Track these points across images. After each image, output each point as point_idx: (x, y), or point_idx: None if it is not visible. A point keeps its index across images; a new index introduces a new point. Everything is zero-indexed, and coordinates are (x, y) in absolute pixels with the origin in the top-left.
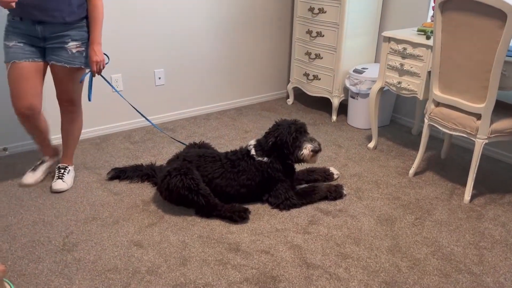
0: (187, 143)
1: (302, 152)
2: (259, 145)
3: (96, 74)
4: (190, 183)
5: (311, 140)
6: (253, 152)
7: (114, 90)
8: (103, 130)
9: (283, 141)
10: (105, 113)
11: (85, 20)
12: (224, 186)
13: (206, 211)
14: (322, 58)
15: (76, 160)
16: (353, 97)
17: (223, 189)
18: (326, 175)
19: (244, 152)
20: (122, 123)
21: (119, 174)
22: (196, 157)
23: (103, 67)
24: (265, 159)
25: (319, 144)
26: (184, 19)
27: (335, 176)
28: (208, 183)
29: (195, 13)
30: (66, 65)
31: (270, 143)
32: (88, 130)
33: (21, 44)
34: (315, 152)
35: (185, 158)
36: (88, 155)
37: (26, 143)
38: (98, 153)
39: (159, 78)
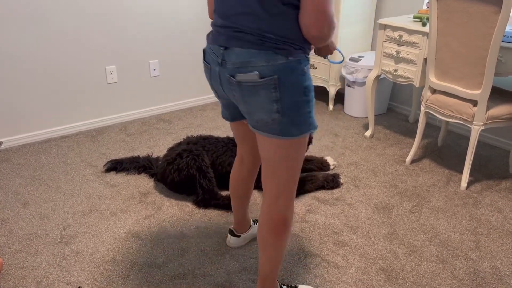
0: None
1: None
2: None
3: None
4: (201, 164)
5: None
6: None
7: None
8: (98, 123)
9: None
10: (100, 105)
11: None
12: (227, 164)
13: (206, 199)
14: None
15: (72, 153)
16: (349, 86)
17: (227, 168)
18: (323, 166)
19: None
20: (118, 115)
21: (115, 166)
22: (200, 139)
23: None
24: None
25: None
26: (178, 10)
27: (331, 167)
28: (213, 162)
29: (190, 3)
30: None
31: None
32: (84, 123)
33: None
34: None
35: (189, 141)
36: (84, 148)
37: (21, 137)
38: (94, 146)
39: (154, 69)
